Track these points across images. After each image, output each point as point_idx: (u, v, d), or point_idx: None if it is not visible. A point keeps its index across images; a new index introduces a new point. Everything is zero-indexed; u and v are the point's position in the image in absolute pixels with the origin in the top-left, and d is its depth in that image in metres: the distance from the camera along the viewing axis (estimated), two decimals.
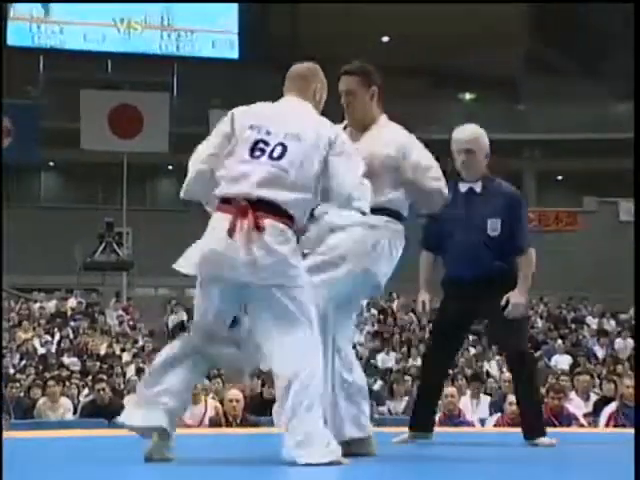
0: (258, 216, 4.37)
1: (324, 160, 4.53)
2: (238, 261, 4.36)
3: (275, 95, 4.89)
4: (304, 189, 4.49)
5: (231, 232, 4.35)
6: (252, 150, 4.51)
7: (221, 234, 4.37)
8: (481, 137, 6.55)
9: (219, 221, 4.43)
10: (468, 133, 6.52)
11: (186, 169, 4.67)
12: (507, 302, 6.00)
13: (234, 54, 31.08)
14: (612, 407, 10.64)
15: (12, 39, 29.96)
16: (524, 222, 6.46)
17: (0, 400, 9.38)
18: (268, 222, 4.38)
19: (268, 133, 4.54)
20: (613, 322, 24.96)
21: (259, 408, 11.50)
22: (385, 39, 33.45)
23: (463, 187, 6.39)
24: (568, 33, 31.52)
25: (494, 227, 6.18)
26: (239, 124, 4.61)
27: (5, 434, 8.75)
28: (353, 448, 4.82)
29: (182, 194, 4.78)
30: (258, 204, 4.40)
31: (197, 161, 4.70)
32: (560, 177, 35.02)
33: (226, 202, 4.45)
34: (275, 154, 4.49)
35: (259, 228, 4.35)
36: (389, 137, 5.12)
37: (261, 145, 4.51)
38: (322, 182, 4.55)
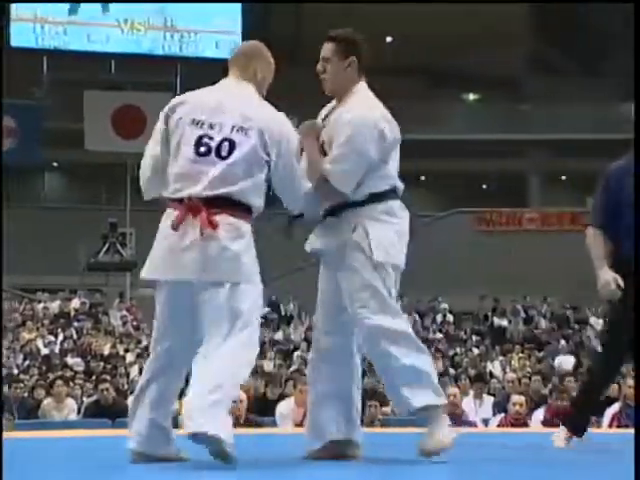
0: (211, 213, 4.33)
1: (269, 155, 4.47)
2: (185, 259, 4.37)
3: (276, 94, 4.85)
4: (252, 175, 4.43)
5: (175, 227, 4.37)
6: (197, 147, 4.44)
7: (166, 233, 4.45)
8: None
9: (165, 221, 4.48)
10: None
11: None
12: None
13: None
14: (615, 408, 10.64)
15: (15, 40, 29.93)
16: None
17: (0, 400, 9.35)
18: (221, 218, 4.35)
19: (211, 127, 4.46)
20: None
21: (262, 408, 11.51)
22: (389, 39, 33.44)
23: None
24: (570, 33, 31.52)
25: None
26: (177, 119, 4.55)
27: (9, 434, 8.76)
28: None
29: (144, 197, 4.76)
30: (211, 201, 4.36)
31: (143, 165, 4.70)
32: (564, 177, 35.01)
33: (176, 201, 4.44)
34: (223, 152, 4.42)
35: (212, 224, 4.32)
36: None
37: (205, 140, 4.44)
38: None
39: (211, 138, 4.43)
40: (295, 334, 22.90)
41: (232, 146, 4.41)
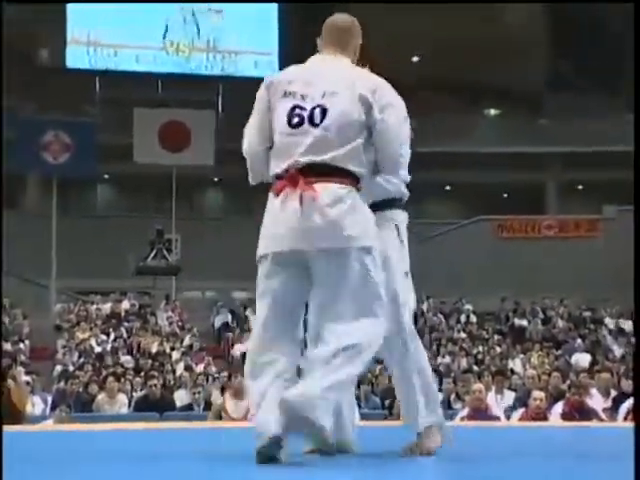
0: (308, 181, 3.98)
1: (367, 114, 4.09)
2: (295, 230, 4.00)
3: None
4: (349, 140, 4.05)
5: (283, 204, 4.02)
6: (290, 119, 4.08)
7: (275, 209, 4.07)
8: None
9: (271, 200, 4.11)
10: None
11: (231, 181, 4.52)
12: None
13: (275, 72, 31.13)
14: (630, 402, 10.56)
15: (70, 61, 30.18)
16: None
17: None
18: (319, 185, 3.99)
19: (303, 97, 4.10)
20: (630, 322, 24.75)
21: None
22: (415, 59, 33.46)
23: None
24: (586, 50, 31.31)
25: None
26: (273, 95, 4.18)
27: (65, 426, 8.82)
28: None
29: (250, 181, 4.33)
30: (308, 170, 4.01)
31: (247, 146, 4.27)
32: (580, 187, 34.82)
33: (278, 178, 4.08)
34: (316, 119, 4.06)
35: (310, 192, 3.98)
36: None
37: (297, 111, 4.08)
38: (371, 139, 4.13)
39: (303, 108, 4.08)
40: None
41: (324, 112, 4.06)
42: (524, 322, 24.76)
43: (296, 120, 4.07)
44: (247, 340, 21.54)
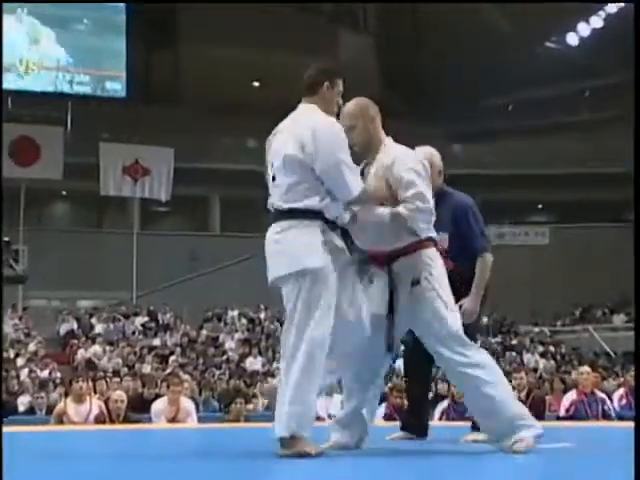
0: None
1: None
2: None
3: (157, 129, 4.73)
4: None
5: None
6: None
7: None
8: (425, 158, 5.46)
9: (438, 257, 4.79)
10: None
11: (78, 195, 4.39)
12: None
13: (122, 93, 30.75)
14: (444, 404, 10.78)
15: None
16: (473, 228, 5.68)
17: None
18: None
19: None
20: None
21: (140, 407, 11.29)
22: (256, 84, 33.56)
23: None
24: (410, 81, 32.04)
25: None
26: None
27: None
28: None
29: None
30: None
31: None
32: None
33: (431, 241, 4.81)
34: None
35: None
36: None
37: None
38: None
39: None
40: (171, 340, 22.63)
41: None
42: None
43: None
44: (90, 347, 21.13)
